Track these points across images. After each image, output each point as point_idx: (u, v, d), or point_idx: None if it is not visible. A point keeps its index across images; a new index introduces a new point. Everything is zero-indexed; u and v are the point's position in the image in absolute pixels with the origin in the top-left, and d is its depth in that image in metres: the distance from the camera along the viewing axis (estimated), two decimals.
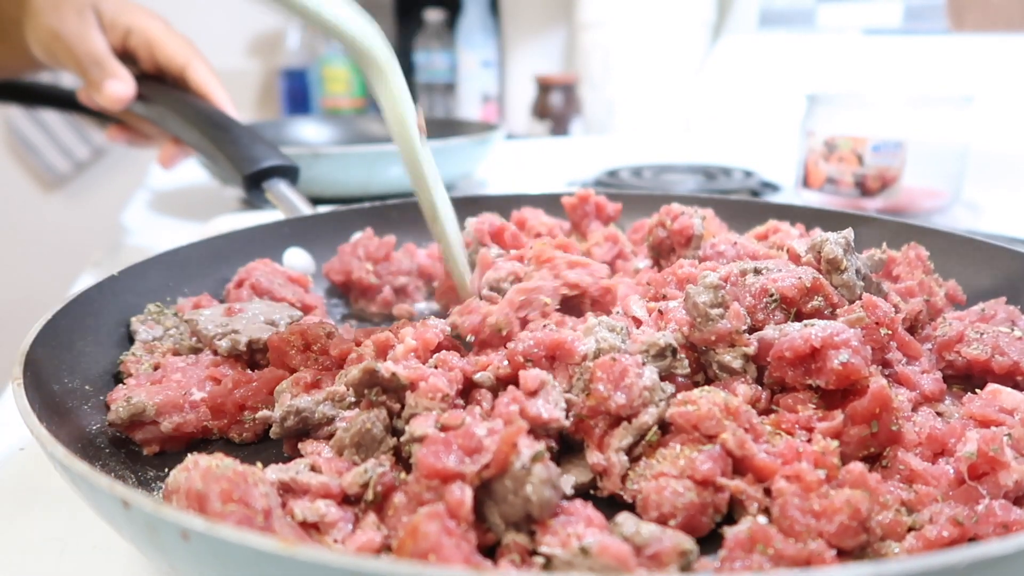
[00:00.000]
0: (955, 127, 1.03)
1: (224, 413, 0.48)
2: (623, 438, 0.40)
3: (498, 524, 0.36)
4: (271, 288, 0.63)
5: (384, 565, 0.24)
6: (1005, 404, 0.44)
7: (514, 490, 0.35)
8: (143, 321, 0.57)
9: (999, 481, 0.38)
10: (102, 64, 0.84)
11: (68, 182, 2.42)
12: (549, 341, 0.44)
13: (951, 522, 0.36)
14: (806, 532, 0.35)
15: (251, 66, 2.41)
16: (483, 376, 0.44)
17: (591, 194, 0.75)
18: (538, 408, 0.40)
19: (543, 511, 0.35)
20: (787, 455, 0.39)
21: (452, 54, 2.08)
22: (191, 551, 0.28)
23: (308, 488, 0.38)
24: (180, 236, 1.07)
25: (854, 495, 0.35)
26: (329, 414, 0.44)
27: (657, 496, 0.37)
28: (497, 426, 0.37)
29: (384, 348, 0.47)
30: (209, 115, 0.84)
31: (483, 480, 0.35)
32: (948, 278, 0.63)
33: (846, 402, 0.42)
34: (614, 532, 0.35)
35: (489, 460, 0.35)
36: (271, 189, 0.76)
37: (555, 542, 0.34)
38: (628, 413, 0.41)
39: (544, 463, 0.36)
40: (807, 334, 0.42)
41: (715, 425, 0.39)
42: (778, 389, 0.45)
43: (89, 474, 0.31)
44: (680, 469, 0.38)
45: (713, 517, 0.38)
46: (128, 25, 0.87)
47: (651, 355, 0.44)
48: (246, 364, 0.53)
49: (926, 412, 0.45)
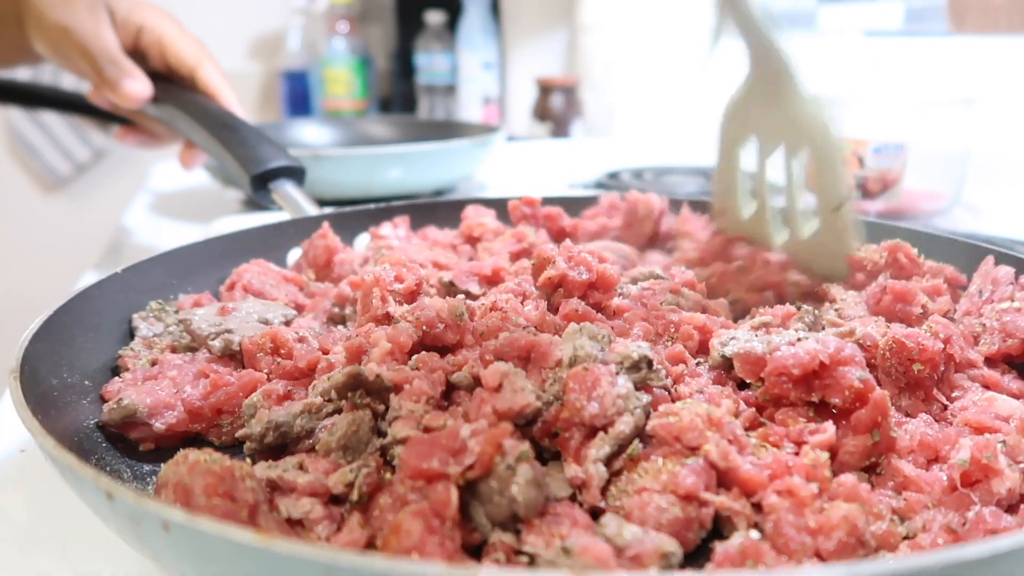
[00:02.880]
0: (956, 129, 1.03)
1: (202, 417, 0.48)
2: (600, 448, 0.39)
3: (484, 524, 0.36)
4: (263, 289, 0.63)
5: (358, 558, 0.25)
6: (1001, 411, 0.44)
7: (500, 490, 0.35)
8: (144, 318, 0.58)
9: (992, 488, 0.37)
10: (117, 62, 0.83)
11: (69, 184, 2.42)
12: (524, 343, 0.44)
13: (945, 530, 0.36)
14: (801, 550, 0.34)
15: (252, 68, 2.41)
16: (459, 376, 0.44)
17: (537, 201, 0.75)
18: (505, 400, 0.40)
19: (529, 511, 0.35)
20: (775, 468, 0.38)
21: (453, 56, 2.08)
22: (172, 543, 0.29)
23: (295, 486, 0.38)
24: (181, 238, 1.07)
25: (851, 510, 0.34)
26: (308, 427, 0.43)
27: (640, 512, 0.36)
28: (481, 427, 0.37)
29: (357, 354, 0.46)
30: (218, 115, 0.84)
31: (468, 481, 0.35)
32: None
33: (839, 414, 0.41)
34: (597, 533, 0.35)
35: (474, 461, 0.35)
36: (277, 189, 0.77)
37: (539, 542, 0.34)
38: (603, 423, 0.40)
39: (529, 463, 0.36)
40: (812, 349, 0.41)
41: (697, 436, 0.38)
42: (771, 404, 0.44)
43: (77, 466, 0.32)
44: (663, 484, 0.37)
45: (699, 532, 0.37)
46: (140, 23, 0.87)
47: (625, 367, 0.43)
48: (240, 364, 0.53)
49: (919, 419, 0.45)
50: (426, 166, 1.09)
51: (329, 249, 0.68)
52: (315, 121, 1.53)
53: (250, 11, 2.38)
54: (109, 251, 1.07)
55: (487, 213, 0.75)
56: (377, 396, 0.43)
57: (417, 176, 1.09)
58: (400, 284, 0.53)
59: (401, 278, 0.53)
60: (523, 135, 1.94)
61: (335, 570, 0.25)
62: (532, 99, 1.87)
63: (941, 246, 0.64)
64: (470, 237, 0.73)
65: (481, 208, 0.76)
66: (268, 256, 0.70)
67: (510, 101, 2.14)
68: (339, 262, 0.68)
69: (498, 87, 2.10)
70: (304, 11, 2.26)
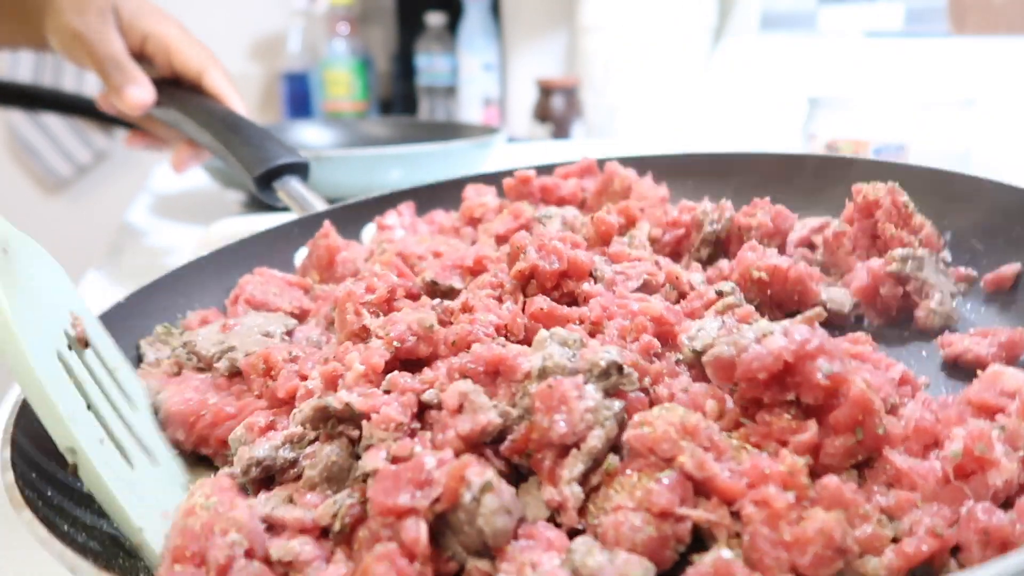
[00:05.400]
0: (957, 130, 1.03)
1: (208, 444, 0.48)
2: (573, 467, 0.38)
3: (459, 552, 0.36)
4: (266, 300, 0.62)
5: None
6: (1007, 386, 0.40)
7: (468, 521, 0.35)
8: (151, 343, 0.57)
9: (987, 481, 0.35)
10: (122, 68, 0.85)
11: (70, 185, 2.43)
12: (490, 356, 0.42)
13: (930, 534, 0.34)
14: (776, 565, 0.33)
15: (252, 70, 2.41)
16: (429, 396, 0.42)
17: (532, 176, 0.72)
18: (466, 422, 0.39)
19: (497, 539, 0.35)
20: (753, 476, 0.36)
21: (453, 57, 2.08)
22: None
23: (284, 524, 0.38)
24: (182, 239, 1.07)
25: (827, 520, 0.33)
26: (290, 457, 0.43)
27: (615, 532, 0.35)
28: (446, 456, 0.37)
29: (333, 380, 0.45)
30: (221, 117, 0.84)
31: (435, 514, 0.35)
32: (946, 221, 0.59)
33: (824, 409, 0.38)
34: (567, 558, 0.34)
35: (439, 494, 0.35)
36: (283, 187, 0.76)
37: (511, 568, 0.34)
38: (574, 440, 0.38)
39: (494, 492, 0.35)
40: (775, 348, 0.38)
41: (671, 447, 0.37)
42: (753, 407, 0.41)
43: (47, 540, 0.34)
44: (637, 501, 0.36)
45: (676, 548, 0.36)
46: (145, 30, 0.87)
47: (594, 375, 0.41)
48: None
49: (916, 401, 0.42)
50: (427, 167, 1.09)
51: (331, 249, 0.67)
52: (316, 123, 1.53)
53: (250, 13, 2.38)
54: (110, 253, 1.07)
55: (487, 191, 0.74)
56: (351, 422, 0.42)
57: (418, 177, 1.08)
58: (372, 295, 0.51)
59: (372, 288, 0.51)
60: (524, 136, 1.94)
61: None
62: (533, 100, 1.87)
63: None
64: (471, 219, 0.72)
65: (481, 187, 0.74)
66: (275, 260, 0.69)
67: (511, 102, 2.14)
68: (342, 261, 0.67)
69: (498, 88, 2.10)
70: (304, 13, 2.26)
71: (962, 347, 0.49)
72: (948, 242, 0.60)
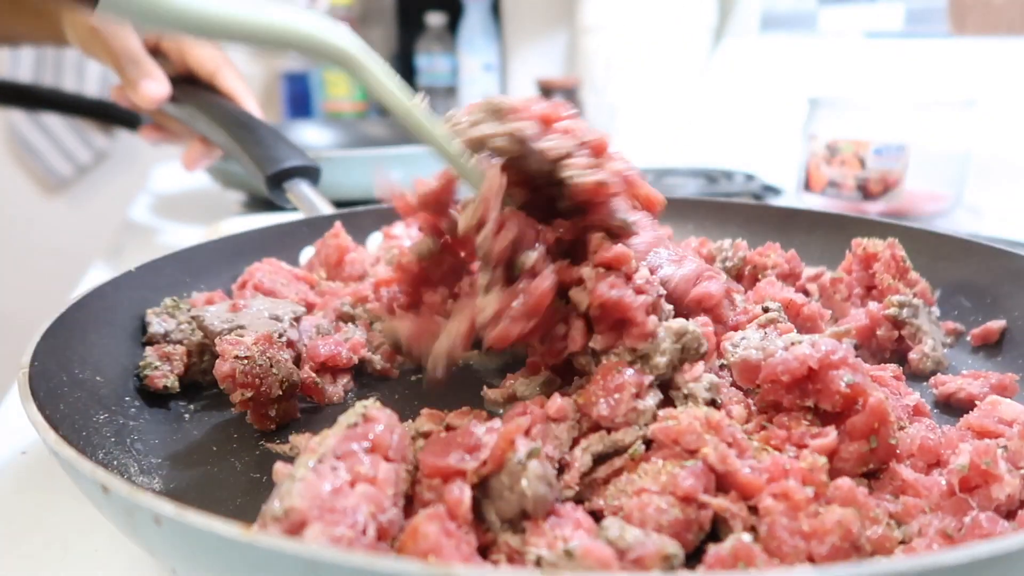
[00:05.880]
0: (957, 130, 1.03)
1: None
2: (596, 444, 0.41)
3: (494, 522, 0.36)
4: (274, 288, 0.64)
5: (336, 554, 0.26)
6: (1004, 415, 0.43)
7: (510, 486, 0.36)
8: (158, 314, 0.58)
9: (991, 494, 0.37)
10: (138, 63, 0.86)
11: (70, 185, 2.43)
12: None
13: (940, 535, 0.36)
14: (794, 553, 0.34)
15: (252, 70, 2.41)
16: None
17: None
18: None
19: (537, 507, 0.36)
20: (773, 472, 0.38)
21: (453, 58, 2.09)
22: (163, 535, 0.30)
23: None
24: (183, 239, 1.07)
25: (845, 514, 0.34)
26: None
27: (640, 513, 0.36)
28: (495, 425, 0.38)
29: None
30: (235, 115, 0.86)
31: (481, 478, 0.36)
32: (936, 278, 0.63)
33: (841, 417, 0.41)
34: (599, 536, 0.35)
35: (487, 456, 0.36)
36: (292, 189, 0.78)
37: (542, 543, 0.35)
38: (608, 425, 0.41)
39: (540, 459, 0.36)
40: (801, 355, 0.41)
41: (696, 439, 0.39)
42: (771, 410, 0.44)
43: (75, 459, 0.33)
44: (662, 485, 0.37)
45: (698, 535, 0.37)
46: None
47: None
48: None
49: (921, 423, 0.44)
50: (427, 168, 1.09)
51: (341, 248, 0.70)
52: (316, 123, 1.53)
53: None
54: (110, 253, 1.07)
55: None
56: None
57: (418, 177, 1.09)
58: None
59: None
60: None
61: (315, 565, 0.26)
62: None
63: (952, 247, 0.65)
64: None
65: None
66: (281, 255, 0.71)
67: None
68: (350, 261, 0.70)
69: (499, 89, 2.10)
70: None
71: (955, 386, 0.52)
72: (938, 298, 0.64)
